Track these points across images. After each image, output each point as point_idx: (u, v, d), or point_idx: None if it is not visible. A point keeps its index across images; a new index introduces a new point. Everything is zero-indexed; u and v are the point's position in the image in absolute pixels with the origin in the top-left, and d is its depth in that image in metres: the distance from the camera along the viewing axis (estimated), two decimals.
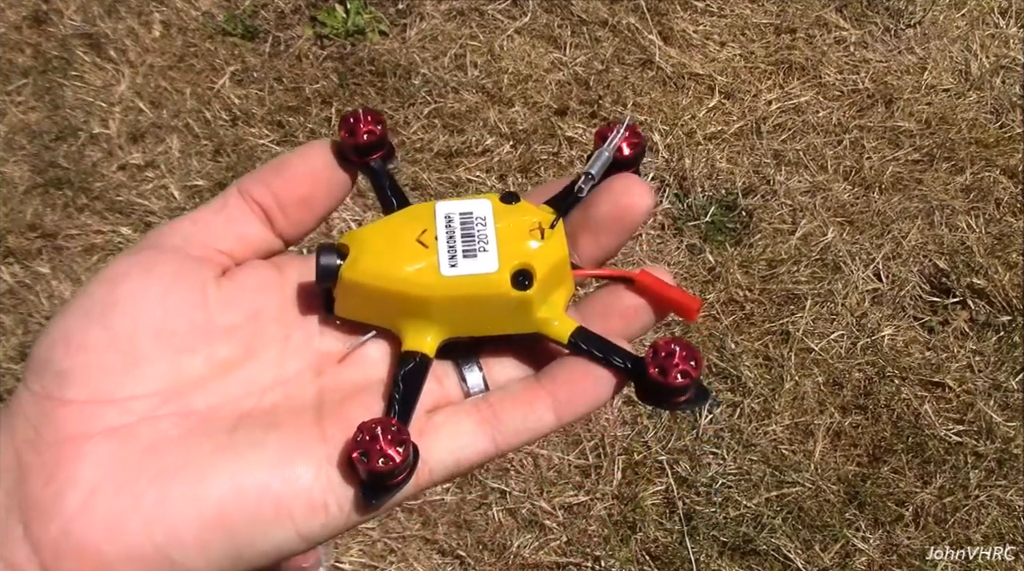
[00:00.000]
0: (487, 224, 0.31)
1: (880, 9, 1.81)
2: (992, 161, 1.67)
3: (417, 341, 0.31)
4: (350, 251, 0.31)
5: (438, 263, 0.30)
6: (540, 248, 0.32)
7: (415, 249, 0.31)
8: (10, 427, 0.27)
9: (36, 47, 1.75)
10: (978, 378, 1.49)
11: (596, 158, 0.34)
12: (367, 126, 0.34)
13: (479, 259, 0.31)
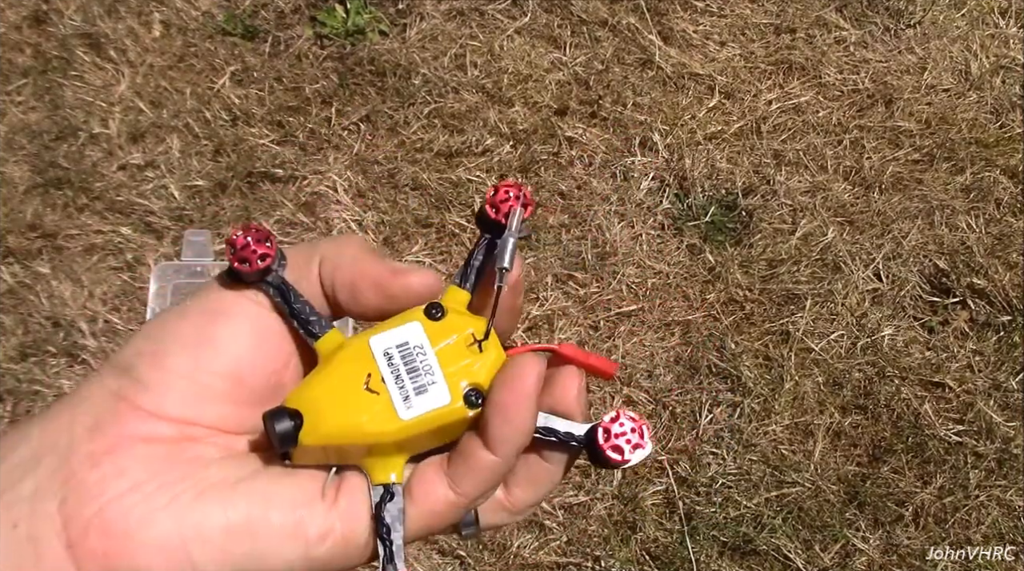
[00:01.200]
0: (426, 352, 0.32)
1: (880, 9, 1.81)
2: (992, 161, 1.67)
3: (385, 473, 0.32)
4: (303, 415, 0.31)
5: (394, 408, 0.32)
6: (482, 365, 0.33)
7: (367, 399, 0.31)
8: (72, 411, 0.29)
9: (36, 47, 1.75)
10: (978, 378, 1.49)
11: (503, 247, 0.34)
12: (260, 249, 0.33)
13: (431, 393, 0.32)
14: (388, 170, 1.62)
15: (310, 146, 1.64)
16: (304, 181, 1.60)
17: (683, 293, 1.55)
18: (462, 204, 1.60)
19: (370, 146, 1.65)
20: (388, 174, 1.62)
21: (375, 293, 0.33)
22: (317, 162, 1.63)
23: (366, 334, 0.33)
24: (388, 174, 1.62)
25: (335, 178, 1.60)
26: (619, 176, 1.63)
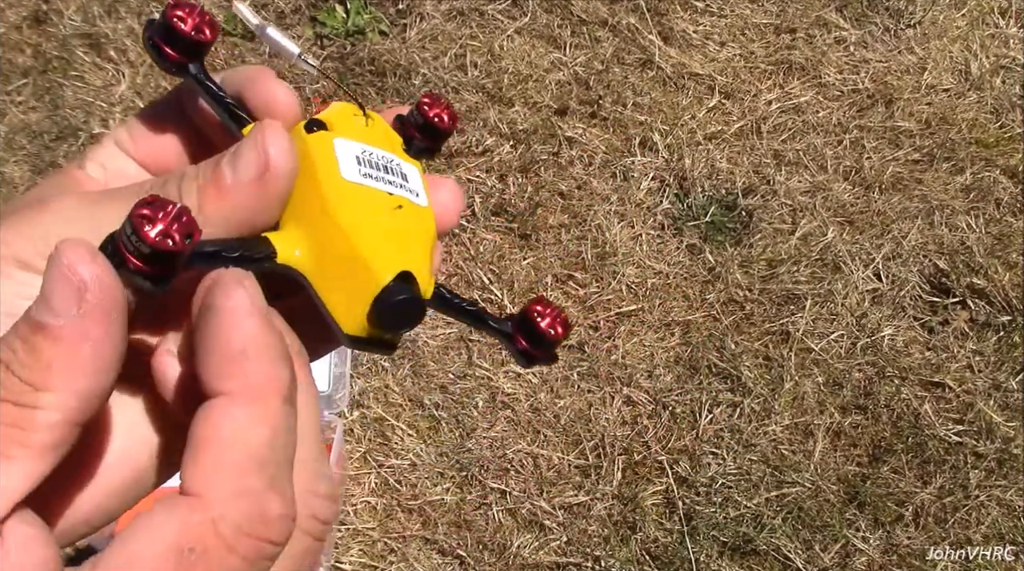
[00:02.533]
0: (386, 154, 0.31)
1: (880, 9, 1.81)
2: (992, 161, 1.67)
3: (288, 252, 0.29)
4: (412, 274, 0.28)
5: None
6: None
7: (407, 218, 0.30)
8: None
9: (36, 47, 1.75)
10: (978, 378, 1.49)
11: (273, 41, 0.34)
12: (197, 19, 0.30)
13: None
14: None
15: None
16: None
17: (683, 293, 1.55)
18: None
19: None
20: None
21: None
22: None
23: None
24: None
25: None
26: (619, 176, 1.63)
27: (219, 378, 0.24)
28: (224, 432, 0.23)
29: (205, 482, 0.23)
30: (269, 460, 0.23)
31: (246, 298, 0.24)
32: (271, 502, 0.23)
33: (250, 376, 0.24)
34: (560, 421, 1.45)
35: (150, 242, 0.24)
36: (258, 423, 0.23)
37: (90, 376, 0.24)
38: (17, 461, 0.23)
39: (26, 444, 0.23)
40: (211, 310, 0.24)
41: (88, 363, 0.23)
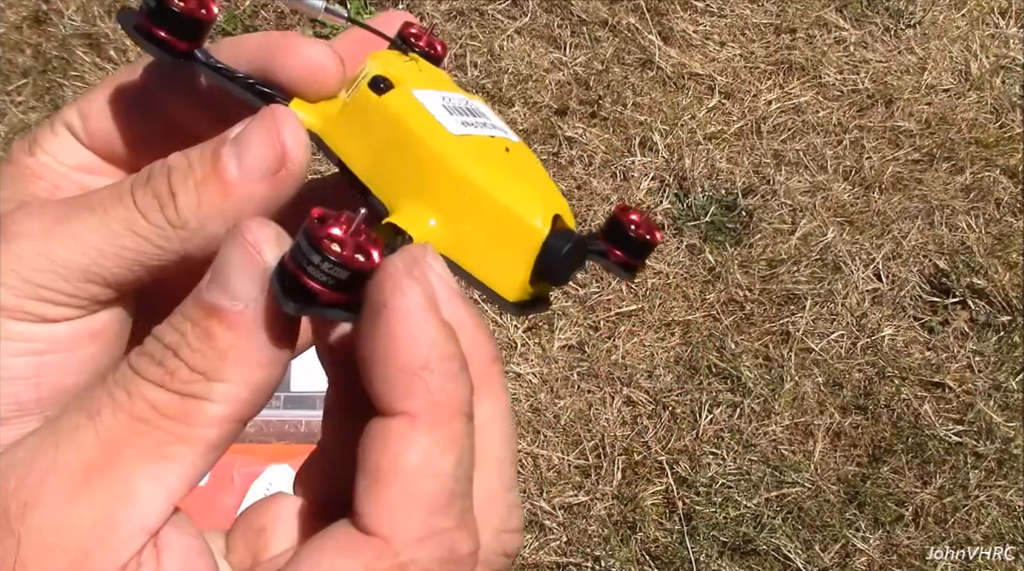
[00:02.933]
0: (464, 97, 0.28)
1: (880, 9, 1.81)
2: (992, 161, 1.67)
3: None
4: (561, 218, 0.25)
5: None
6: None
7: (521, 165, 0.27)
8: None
9: (36, 47, 1.75)
10: (978, 378, 1.49)
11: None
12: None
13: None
14: None
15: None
16: None
17: (683, 293, 1.55)
18: None
19: None
20: None
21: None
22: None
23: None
24: None
25: None
26: (619, 176, 1.63)
27: (398, 396, 0.21)
28: (409, 462, 0.20)
29: (392, 522, 0.20)
30: (456, 493, 0.21)
31: (422, 297, 0.21)
32: (461, 541, 0.21)
33: (434, 394, 0.21)
34: (560, 421, 1.45)
35: (351, 264, 0.20)
36: (445, 450, 0.21)
37: (265, 367, 0.21)
38: (179, 461, 0.21)
39: (189, 441, 0.21)
40: (384, 310, 0.21)
41: (265, 352, 0.21)
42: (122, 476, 0.20)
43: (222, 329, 0.21)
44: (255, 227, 0.21)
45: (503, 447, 0.23)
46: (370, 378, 0.21)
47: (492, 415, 0.23)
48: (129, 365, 0.21)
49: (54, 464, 0.20)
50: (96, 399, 0.21)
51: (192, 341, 0.21)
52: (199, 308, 0.21)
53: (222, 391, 0.21)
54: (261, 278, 0.21)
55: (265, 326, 0.21)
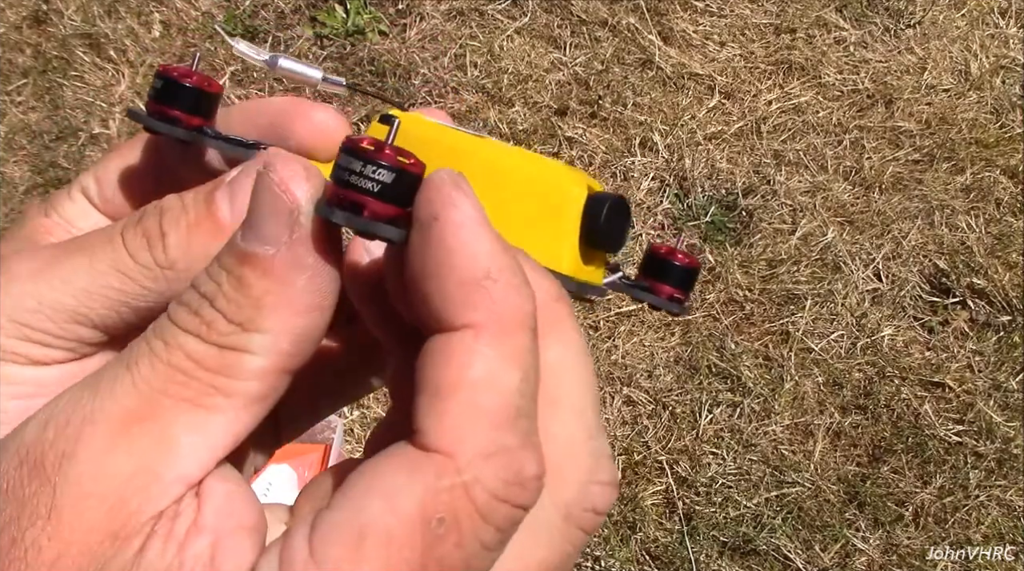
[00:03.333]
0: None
1: (880, 9, 1.81)
2: (992, 161, 1.67)
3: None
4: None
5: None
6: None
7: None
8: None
9: (36, 47, 1.75)
10: (978, 378, 1.49)
11: (244, 51, 0.30)
12: (197, 75, 0.27)
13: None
14: None
15: None
16: None
17: None
18: None
19: None
20: None
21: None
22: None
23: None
24: None
25: None
26: (619, 176, 1.63)
27: (460, 308, 0.19)
28: (474, 375, 0.19)
29: (456, 438, 0.19)
30: (522, 410, 0.20)
31: (476, 208, 0.20)
32: (527, 461, 0.19)
33: (498, 304, 0.19)
34: None
35: (395, 163, 0.20)
36: (510, 364, 0.19)
37: (304, 314, 0.21)
38: (220, 413, 0.20)
39: (231, 393, 0.20)
40: (436, 223, 0.20)
41: (303, 298, 0.20)
42: (161, 426, 0.20)
43: (255, 276, 0.20)
44: (281, 164, 0.20)
45: (581, 391, 0.22)
46: (426, 297, 0.20)
47: (563, 357, 0.21)
48: (168, 315, 0.21)
49: (91, 414, 0.20)
50: (135, 350, 0.21)
51: (227, 290, 0.20)
52: (233, 255, 0.20)
53: (261, 342, 0.20)
54: (290, 218, 0.20)
55: (300, 269, 0.20)
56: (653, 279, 0.29)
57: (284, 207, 0.20)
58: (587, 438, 0.21)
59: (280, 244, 0.20)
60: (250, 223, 0.20)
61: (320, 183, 0.21)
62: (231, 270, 0.20)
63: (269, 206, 0.20)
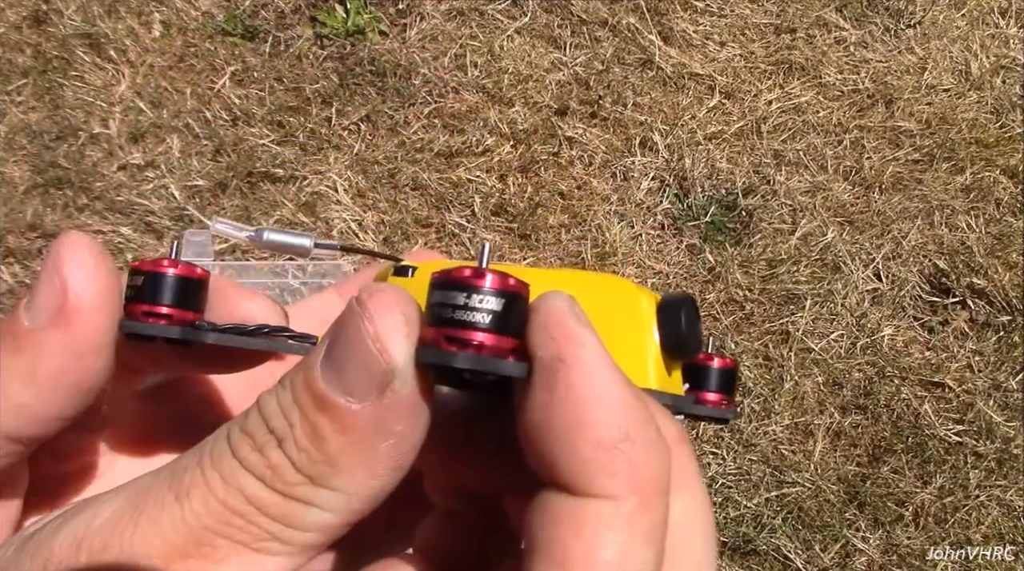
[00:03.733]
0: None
1: (880, 9, 1.81)
2: (992, 161, 1.67)
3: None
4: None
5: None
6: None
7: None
8: None
9: (36, 47, 1.75)
10: (978, 378, 1.49)
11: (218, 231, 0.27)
12: (176, 264, 0.24)
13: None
14: (388, 170, 1.62)
15: (310, 146, 1.64)
16: (304, 181, 1.61)
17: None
18: (462, 204, 1.60)
19: (370, 146, 1.65)
20: (388, 174, 1.62)
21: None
22: (317, 162, 1.63)
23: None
24: (388, 174, 1.62)
25: (335, 178, 1.61)
26: (619, 176, 1.63)
27: (596, 474, 0.17)
28: (607, 557, 0.17)
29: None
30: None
31: (602, 346, 0.17)
32: None
33: (639, 472, 0.17)
34: None
35: (505, 287, 0.17)
36: (647, 543, 0.17)
37: (381, 477, 0.19)
38: (273, 555, 0.19)
39: (288, 542, 0.19)
40: (563, 367, 0.17)
41: (383, 462, 0.18)
42: (208, 565, 0.18)
43: (333, 429, 0.18)
44: (381, 312, 0.18)
45: (704, 548, 0.20)
46: (553, 454, 0.17)
47: (689, 511, 0.19)
48: (228, 442, 0.19)
49: (132, 544, 0.18)
50: (186, 477, 0.19)
51: (299, 436, 0.18)
52: (310, 394, 0.18)
53: (330, 500, 0.18)
54: (384, 379, 0.18)
55: (385, 435, 0.18)
56: (694, 389, 0.26)
57: (378, 367, 0.18)
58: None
59: (366, 401, 0.18)
60: (334, 363, 0.18)
61: (417, 326, 0.18)
62: (306, 412, 0.18)
63: (359, 359, 0.18)
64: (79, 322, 0.21)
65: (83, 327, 0.21)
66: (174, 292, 0.23)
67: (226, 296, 0.25)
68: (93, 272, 0.21)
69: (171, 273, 0.23)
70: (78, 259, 0.21)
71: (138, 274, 0.23)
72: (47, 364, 0.20)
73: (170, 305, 0.23)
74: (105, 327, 0.21)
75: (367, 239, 1.57)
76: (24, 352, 0.20)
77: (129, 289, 0.23)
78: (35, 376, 0.21)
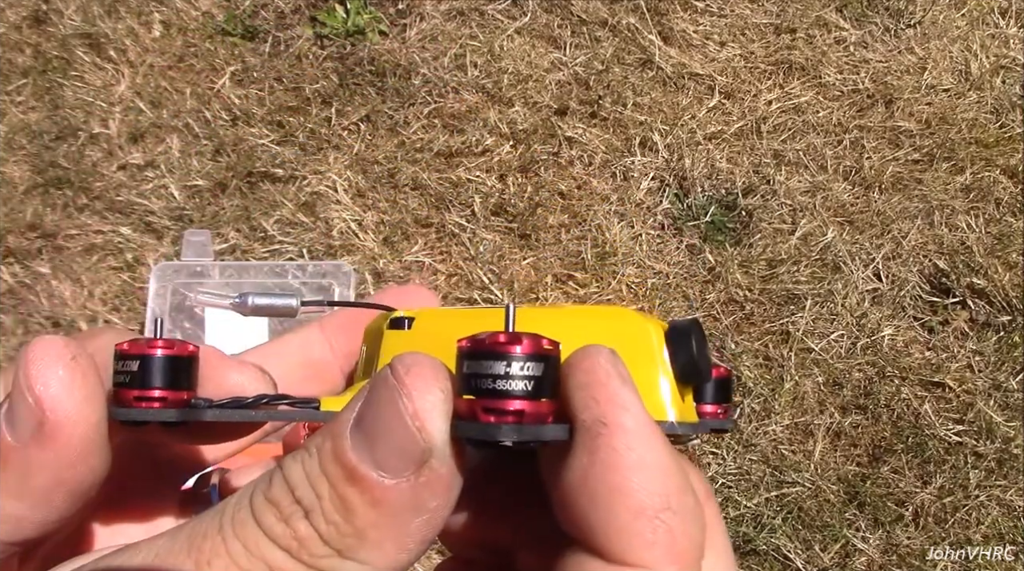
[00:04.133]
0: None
1: (880, 9, 1.81)
2: (992, 161, 1.67)
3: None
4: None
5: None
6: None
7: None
8: None
9: (36, 47, 1.75)
10: (978, 378, 1.49)
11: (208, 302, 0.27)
12: (162, 341, 0.23)
13: None
14: (388, 170, 1.62)
15: (310, 146, 1.64)
16: (304, 181, 1.60)
17: (683, 293, 1.55)
18: (462, 204, 1.60)
19: (370, 146, 1.65)
20: (388, 174, 1.62)
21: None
22: (317, 162, 1.63)
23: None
24: (388, 174, 1.62)
25: (335, 178, 1.60)
26: (619, 176, 1.63)
27: (635, 544, 0.16)
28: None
29: None
30: None
31: (644, 408, 0.17)
32: None
33: (679, 542, 0.17)
34: None
35: (540, 351, 0.17)
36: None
37: (410, 551, 0.18)
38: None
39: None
40: (605, 431, 0.17)
41: (414, 538, 0.18)
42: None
43: (363, 503, 0.17)
44: (420, 389, 0.17)
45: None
46: (592, 520, 0.17)
47: (715, 568, 0.19)
48: (251, 510, 0.18)
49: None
50: (207, 545, 0.18)
51: (327, 508, 0.17)
52: (339, 466, 0.17)
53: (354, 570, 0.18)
54: (421, 457, 0.17)
55: (418, 512, 0.17)
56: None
57: (416, 445, 0.17)
58: None
59: (401, 477, 0.17)
60: (365, 435, 0.17)
61: (452, 401, 0.17)
62: (335, 484, 0.17)
63: (395, 435, 0.17)
64: (62, 436, 0.20)
65: (67, 441, 0.20)
66: (165, 374, 0.22)
67: (215, 369, 0.24)
68: (68, 385, 0.20)
69: (160, 354, 0.22)
70: (49, 373, 0.19)
71: (127, 358, 0.22)
72: (37, 480, 0.20)
73: (162, 388, 0.22)
74: (91, 435, 0.20)
75: (367, 239, 1.57)
76: (12, 468, 0.20)
77: (118, 375, 0.22)
78: (26, 491, 0.20)
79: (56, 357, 0.20)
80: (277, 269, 1.42)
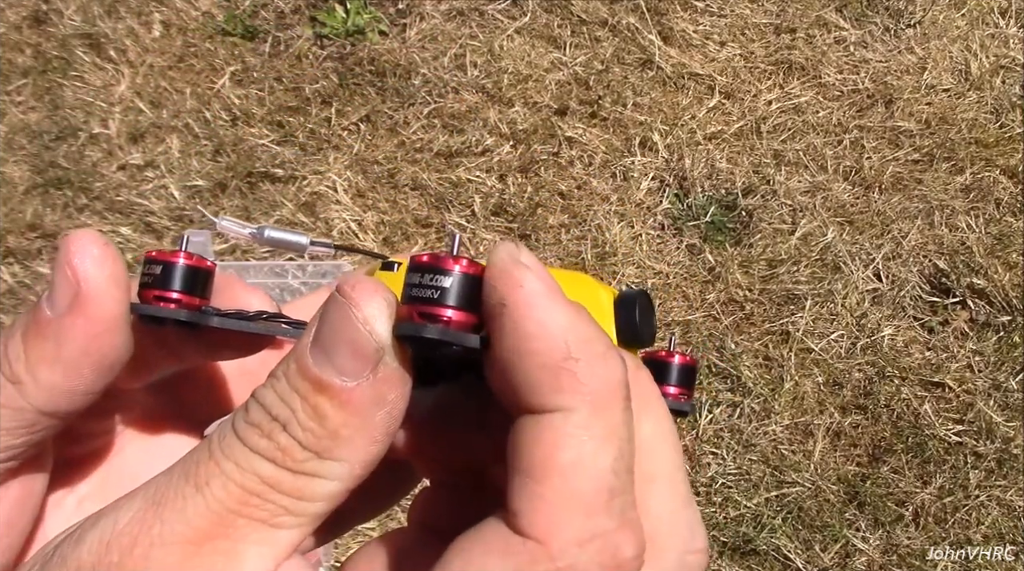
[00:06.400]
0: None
1: (880, 9, 1.81)
2: (992, 161, 1.67)
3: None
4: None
5: None
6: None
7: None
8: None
9: (36, 47, 1.75)
10: (978, 378, 1.49)
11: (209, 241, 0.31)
12: (186, 254, 0.26)
13: None
14: (388, 170, 1.62)
15: (310, 146, 1.64)
16: (304, 181, 1.60)
17: (683, 293, 1.55)
18: (462, 204, 1.60)
19: (370, 146, 1.65)
20: (388, 174, 1.62)
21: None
22: (317, 162, 1.63)
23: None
24: (388, 174, 1.62)
25: (335, 178, 1.60)
26: (619, 176, 1.63)
27: (547, 393, 0.19)
28: (564, 459, 0.19)
29: (549, 524, 0.19)
30: (617, 488, 0.19)
31: (542, 279, 0.19)
32: (625, 543, 0.19)
33: (587, 383, 0.19)
34: None
35: (465, 269, 0.20)
36: (603, 444, 0.19)
37: (380, 442, 0.21)
38: (287, 528, 0.21)
39: (300, 514, 0.21)
40: (504, 309, 0.19)
41: (380, 428, 0.20)
42: (232, 542, 0.20)
43: (332, 407, 0.20)
44: (364, 298, 0.20)
45: (673, 462, 0.22)
46: (512, 386, 0.19)
47: (656, 431, 0.22)
48: (236, 434, 0.21)
49: (160, 536, 0.20)
50: (203, 469, 0.21)
51: (302, 418, 0.20)
52: (307, 380, 0.20)
53: (335, 470, 0.21)
54: (375, 356, 0.20)
55: (381, 405, 0.20)
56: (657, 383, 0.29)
57: (369, 346, 0.20)
58: (682, 506, 0.22)
59: (360, 378, 0.20)
60: (324, 349, 0.20)
61: (395, 308, 0.20)
62: (306, 396, 0.20)
63: (349, 342, 0.20)
64: (93, 306, 0.23)
65: (97, 310, 0.23)
66: (183, 279, 0.26)
67: (230, 288, 0.28)
68: (100, 262, 0.23)
69: (182, 262, 0.26)
70: (86, 252, 0.23)
71: (152, 263, 0.26)
72: (70, 347, 0.23)
73: (179, 291, 0.26)
74: (117, 307, 0.24)
75: (367, 239, 1.57)
76: (48, 339, 0.23)
77: (144, 276, 0.26)
78: (60, 359, 0.23)
79: (92, 241, 0.23)
80: (277, 269, 1.42)
